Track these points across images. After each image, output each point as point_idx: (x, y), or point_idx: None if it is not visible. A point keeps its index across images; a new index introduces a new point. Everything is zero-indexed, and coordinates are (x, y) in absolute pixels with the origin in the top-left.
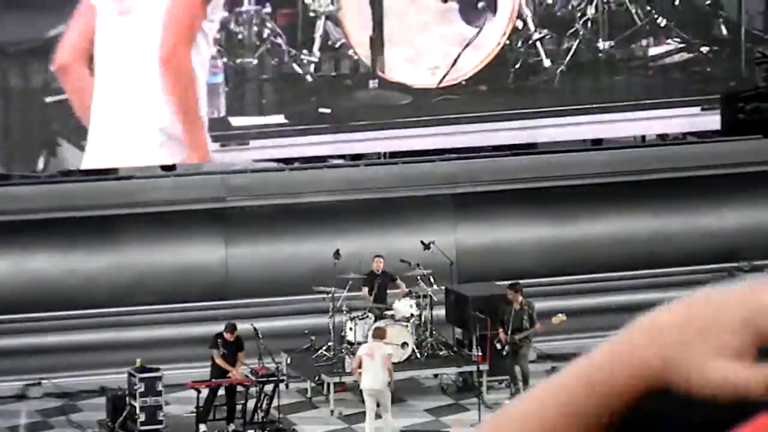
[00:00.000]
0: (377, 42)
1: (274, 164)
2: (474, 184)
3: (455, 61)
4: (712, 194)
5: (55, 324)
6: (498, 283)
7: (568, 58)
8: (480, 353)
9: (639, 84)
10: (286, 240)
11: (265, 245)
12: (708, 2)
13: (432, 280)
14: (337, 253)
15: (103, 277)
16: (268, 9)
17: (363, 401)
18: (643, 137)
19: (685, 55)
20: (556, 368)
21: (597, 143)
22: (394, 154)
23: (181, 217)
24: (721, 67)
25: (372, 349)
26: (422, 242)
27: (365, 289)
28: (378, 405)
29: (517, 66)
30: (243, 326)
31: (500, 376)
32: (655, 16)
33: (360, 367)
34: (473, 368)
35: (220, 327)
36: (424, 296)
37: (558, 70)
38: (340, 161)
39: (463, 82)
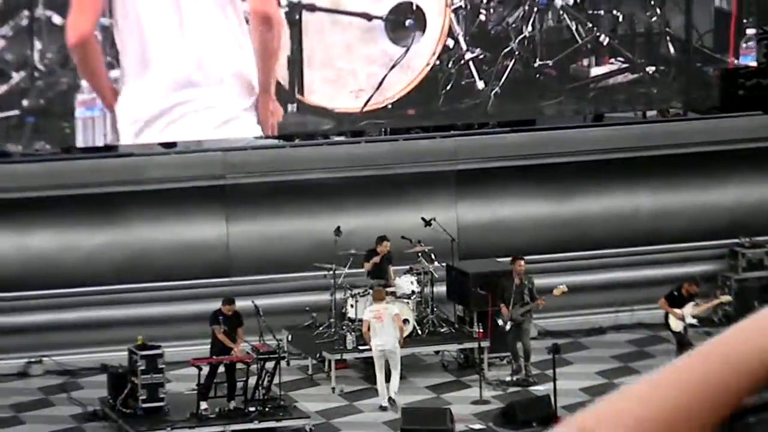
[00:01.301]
0: (296, 63)
1: (274, 141)
2: (475, 161)
3: (380, 83)
4: (713, 170)
5: (56, 302)
6: (499, 259)
7: (503, 79)
8: (481, 330)
9: (580, 106)
10: (287, 217)
11: (265, 222)
12: (654, 19)
13: (433, 256)
14: (338, 230)
15: (103, 254)
16: None
17: (363, 378)
18: (644, 113)
19: (629, 76)
20: (557, 345)
21: (598, 119)
22: (395, 131)
23: (182, 195)
24: (668, 87)
25: (380, 312)
26: (423, 219)
27: (367, 265)
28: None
29: (448, 88)
30: (244, 303)
31: (501, 352)
32: (597, 35)
33: (369, 330)
34: (474, 345)
35: (220, 304)
36: (425, 273)
37: (492, 92)
38: (341, 138)
39: (390, 106)
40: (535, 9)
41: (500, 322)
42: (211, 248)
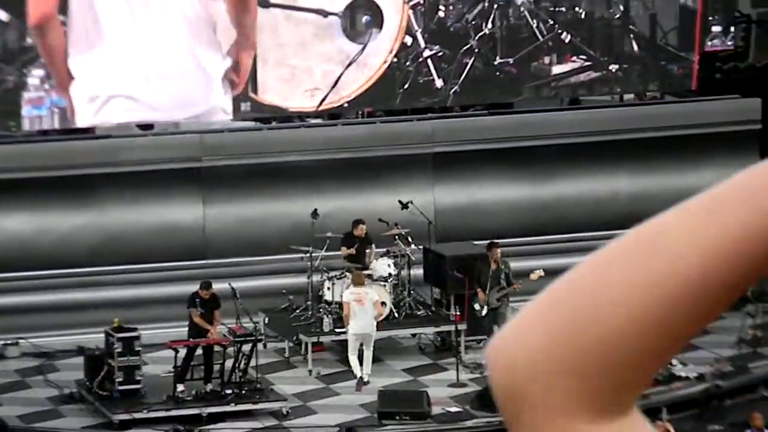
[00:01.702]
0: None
1: (251, 123)
2: (452, 144)
3: (336, 81)
4: (690, 154)
5: (32, 284)
6: (476, 242)
7: (462, 77)
8: (458, 313)
9: (541, 105)
10: (264, 199)
11: (242, 205)
12: (617, 16)
13: (410, 239)
14: (314, 213)
15: (79, 236)
16: None
17: (340, 361)
18: (621, 97)
19: (591, 74)
20: None
21: (575, 103)
22: (371, 113)
23: (159, 177)
24: (632, 86)
25: (360, 295)
26: (400, 201)
27: (344, 249)
28: (361, 344)
29: (406, 86)
30: (220, 286)
31: (478, 335)
32: (559, 32)
33: (349, 312)
34: (451, 328)
35: (197, 287)
36: (402, 256)
37: (451, 91)
38: (318, 120)
39: (346, 105)
40: (495, 6)
41: (477, 306)
42: (187, 230)
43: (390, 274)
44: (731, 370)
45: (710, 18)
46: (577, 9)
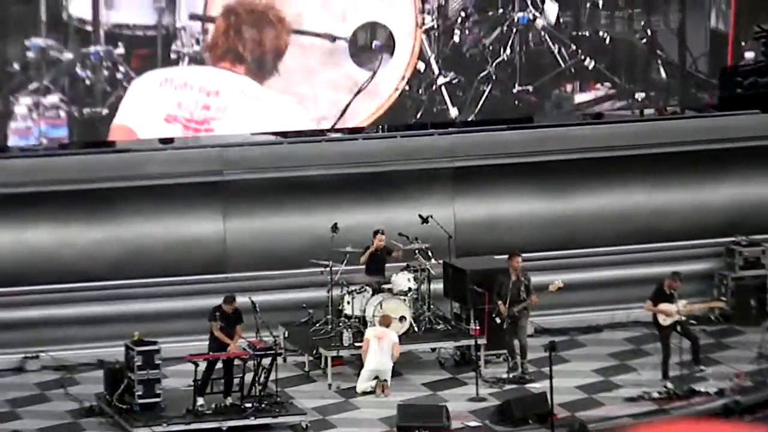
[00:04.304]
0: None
1: (272, 137)
2: (473, 158)
3: (344, 110)
4: (710, 169)
5: (53, 297)
6: (496, 257)
7: (478, 106)
8: (478, 327)
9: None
10: (285, 214)
11: (263, 219)
12: (644, 41)
13: (430, 253)
14: (334, 227)
15: (100, 250)
16: (120, 50)
17: (360, 375)
18: (641, 112)
19: (616, 102)
20: (554, 342)
21: (595, 117)
22: (392, 128)
23: (179, 190)
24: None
25: (382, 333)
26: (420, 216)
27: (363, 258)
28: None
29: (419, 115)
30: (241, 300)
31: (498, 349)
32: (582, 58)
33: (368, 347)
34: (471, 342)
35: (217, 300)
36: (422, 270)
37: (467, 119)
38: (339, 135)
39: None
40: (515, 30)
41: (497, 319)
42: (208, 244)
43: (410, 288)
44: (751, 385)
45: (743, 43)
46: (600, 33)
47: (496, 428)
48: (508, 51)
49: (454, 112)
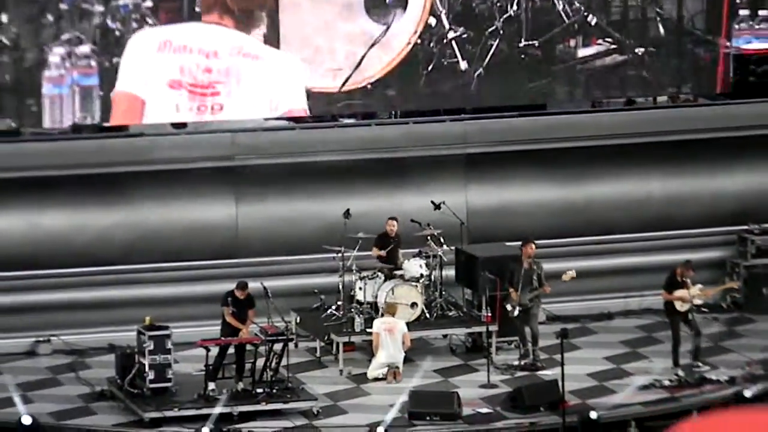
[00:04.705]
0: (271, 41)
1: (284, 123)
2: (485, 145)
3: (360, 62)
4: (723, 157)
5: (65, 281)
6: (508, 243)
7: (487, 59)
8: (489, 314)
9: (566, 89)
10: (296, 199)
11: (275, 204)
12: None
13: (442, 240)
14: (347, 213)
15: (112, 234)
16: (148, 3)
17: (371, 361)
18: (654, 99)
19: (617, 57)
20: (565, 329)
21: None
22: (405, 113)
23: (192, 176)
24: (659, 71)
25: (392, 325)
26: (432, 202)
27: (375, 250)
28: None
29: (430, 68)
30: (253, 285)
31: (510, 336)
32: (585, 14)
33: (378, 341)
34: (482, 329)
35: (229, 285)
36: (434, 256)
37: (476, 73)
38: (351, 120)
39: (369, 86)
40: None
41: (509, 307)
42: (220, 229)
43: (422, 275)
44: (763, 374)
45: (737, 1)
46: None
47: (508, 415)
48: (515, 7)
49: (463, 64)
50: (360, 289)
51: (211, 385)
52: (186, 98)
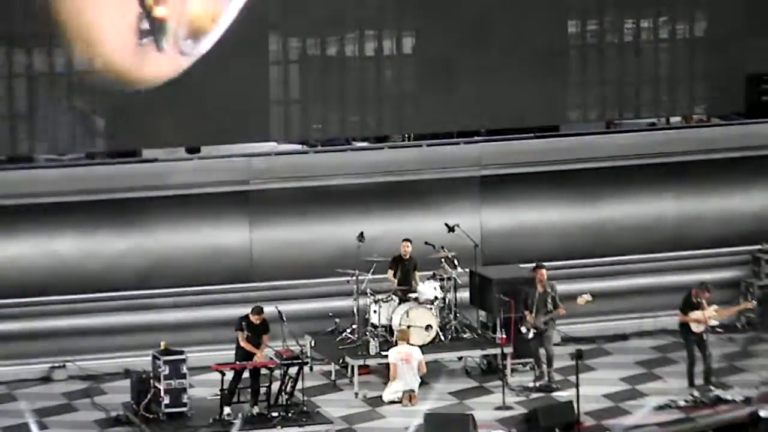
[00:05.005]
0: None
1: (298, 147)
2: (499, 167)
3: None
4: (737, 177)
5: (80, 307)
6: (522, 265)
7: None
8: (504, 336)
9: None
10: (310, 223)
11: (289, 228)
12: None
13: (456, 262)
14: (361, 236)
15: (127, 259)
16: None
17: (386, 384)
18: (668, 119)
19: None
20: (580, 350)
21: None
22: (418, 137)
23: (206, 200)
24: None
25: (407, 354)
26: (446, 225)
27: (390, 273)
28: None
29: None
30: (267, 309)
31: (525, 358)
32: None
33: (396, 372)
34: (497, 351)
35: (244, 310)
36: (449, 279)
37: None
38: (364, 144)
39: None
40: None
41: (523, 329)
42: (234, 254)
43: (436, 297)
44: None
45: None
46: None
47: None
48: None
49: None
50: (374, 312)
51: (227, 410)
52: None
